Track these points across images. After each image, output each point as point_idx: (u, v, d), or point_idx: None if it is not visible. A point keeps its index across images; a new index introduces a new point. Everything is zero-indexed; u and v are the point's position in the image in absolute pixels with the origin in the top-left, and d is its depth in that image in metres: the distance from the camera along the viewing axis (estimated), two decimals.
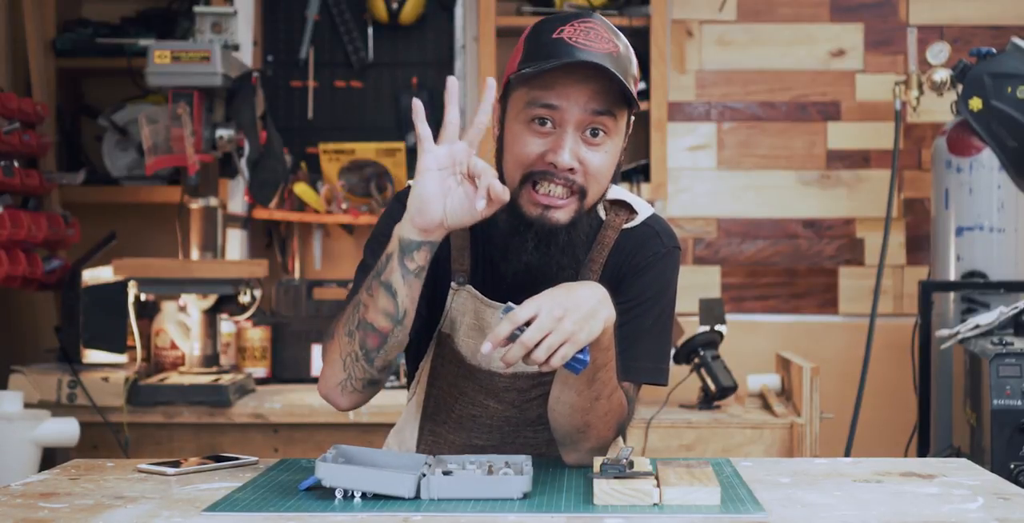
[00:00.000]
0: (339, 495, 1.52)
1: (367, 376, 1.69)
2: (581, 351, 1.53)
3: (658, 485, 1.50)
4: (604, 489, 1.48)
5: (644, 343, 1.77)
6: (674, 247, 1.82)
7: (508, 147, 1.71)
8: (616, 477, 1.49)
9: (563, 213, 1.69)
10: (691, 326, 3.26)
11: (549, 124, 1.67)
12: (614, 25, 1.75)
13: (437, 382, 1.83)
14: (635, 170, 3.80)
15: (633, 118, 1.77)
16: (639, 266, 1.79)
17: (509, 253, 1.71)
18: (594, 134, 1.68)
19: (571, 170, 1.67)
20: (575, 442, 1.71)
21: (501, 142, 1.74)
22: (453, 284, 1.79)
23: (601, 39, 1.67)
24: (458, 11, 3.85)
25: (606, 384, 1.65)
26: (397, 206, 1.74)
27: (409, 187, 1.73)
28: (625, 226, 1.81)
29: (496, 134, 1.77)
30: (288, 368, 3.48)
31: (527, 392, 1.80)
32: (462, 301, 1.79)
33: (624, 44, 1.71)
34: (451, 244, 1.78)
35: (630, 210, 1.83)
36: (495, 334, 1.51)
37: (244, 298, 3.24)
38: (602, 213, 1.82)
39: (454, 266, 1.79)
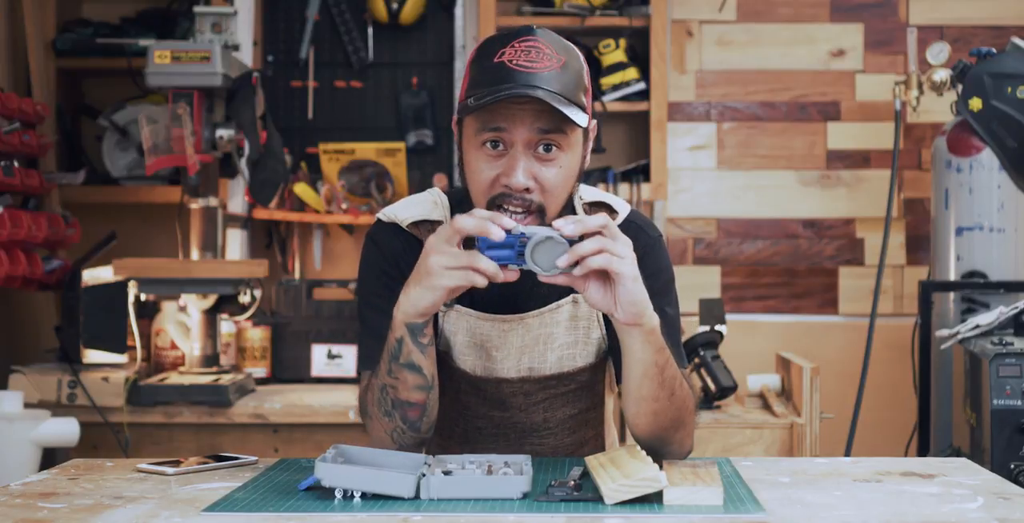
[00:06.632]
0: (339, 495, 1.52)
1: (417, 440, 1.75)
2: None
3: (661, 466, 1.50)
4: (612, 487, 1.48)
5: (669, 332, 1.80)
6: (658, 236, 1.85)
7: (468, 173, 1.74)
8: (563, 500, 1.49)
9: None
10: (691, 326, 3.26)
11: (501, 146, 1.68)
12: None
13: (440, 400, 1.84)
14: (635, 170, 3.80)
15: (595, 122, 1.77)
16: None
17: None
18: (547, 149, 1.68)
19: (527, 190, 1.68)
20: (667, 443, 1.76)
21: (463, 167, 1.76)
22: (442, 306, 1.79)
23: (543, 57, 1.66)
24: (458, 11, 3.85)
25: (669, 381, 1.69)
26: (376, 253, 1.80)
27: (380, 222, 1.82)
28: None
29: (458, 158, 1.79)
30: (288, 368, 3.48)
31: (533, 395, 1.83)
32: (453, 320, 1.83)
33: (570, 54, 1.70)
34: None
35: (610, 210, 1.85)
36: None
37: (244, 298, 3.24)
38: None
39: None
